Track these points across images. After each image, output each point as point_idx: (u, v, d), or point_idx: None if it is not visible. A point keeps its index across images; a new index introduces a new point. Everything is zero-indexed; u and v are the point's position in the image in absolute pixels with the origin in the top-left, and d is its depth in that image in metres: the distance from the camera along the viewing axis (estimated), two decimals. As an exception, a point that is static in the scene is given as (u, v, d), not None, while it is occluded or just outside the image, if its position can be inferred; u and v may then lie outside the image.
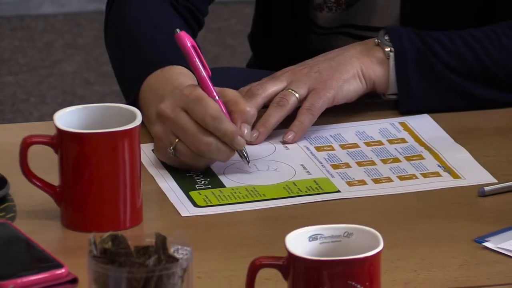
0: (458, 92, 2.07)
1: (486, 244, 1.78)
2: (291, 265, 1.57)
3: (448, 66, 2.06)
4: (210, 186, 1.93)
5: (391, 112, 2.07)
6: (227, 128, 1.89)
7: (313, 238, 1.59)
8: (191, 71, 1.94)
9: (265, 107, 2.02)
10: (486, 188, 1.89)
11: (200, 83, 1.91)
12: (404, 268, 1.70)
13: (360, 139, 2.02)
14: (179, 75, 1.98)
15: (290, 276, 1.57)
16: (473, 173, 1.94)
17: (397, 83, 2.06)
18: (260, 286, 1.59)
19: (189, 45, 1.92)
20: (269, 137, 2.01)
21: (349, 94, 2.04)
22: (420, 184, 1.93)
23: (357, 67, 2.05)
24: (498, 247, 1.77)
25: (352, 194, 1.91)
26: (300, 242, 1.58)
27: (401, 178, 1.94)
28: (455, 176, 1.94)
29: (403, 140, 2.02)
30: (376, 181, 1.93)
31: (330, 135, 2.03)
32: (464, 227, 1.82)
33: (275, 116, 2.00)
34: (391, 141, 2.01)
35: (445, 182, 1.93)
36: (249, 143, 1.98)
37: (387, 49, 2.05)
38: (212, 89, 1.91)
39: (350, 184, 1.93)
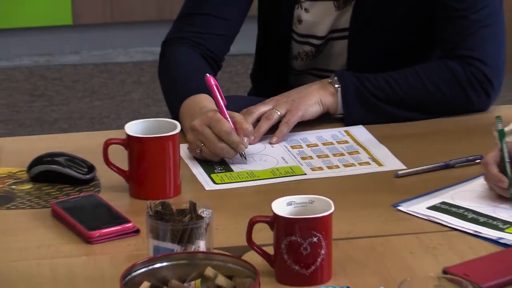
0: (381, 112, 2.06)
1: (400, 207, 1.77)
2: (275, 221, 1.56)
3: (375, 96, 2.05)
4: (224, 171, 1.91)
5: (338, 124, 2.06)
6: (234, 139, 1.88)
7: (289, 204, 1.58)
8: (212, 97, 1.92)
9: (258, 120, 2.00)
10: (399, 172, 1.88)
11: (219, 109, 1.91)
12: (347, 222, 1.70)
13: (319, 141, 2.01)
14: (204, 100, 1.97)
15: (274, 228, 1.56)
16: (390, 162, 1.92)
17: (342, 108, 2.04)
18: (256, 234, 1.58)
19: (213, 83, 1.91)
20: (261, 140, 2.00)
21: (312, 114, 2.03)
22: (357, 170, 1.92)
23: (317, 97, 2.03)
24: (408, 210, 1.76)
25: (314, 176, 1.90)
26: (281, 207, 1.57)
27: (345, 165, 1.93)
28: (379, 164, 1.92)
29: (346, 142, 2.01)
30: (329, 167, 1.92)
31: (300, 138, 2.02)
32: (385, 197, 1.80)
33: (264, 126, 1.99)
34: (339, 142, 2.00)
35: (373, 168, 1.92)
36: (250, 143, 1.97)
37: (336, 86, 2.04)
38: (226, 113, 1.90)
39: (312, 169, 1.91)
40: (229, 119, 1.91)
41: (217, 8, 2.14)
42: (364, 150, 1.97)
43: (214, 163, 1.93)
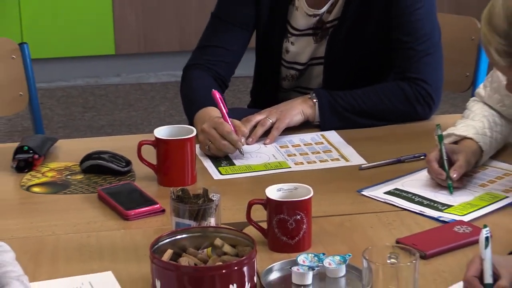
0: (348, 121, 2.05)
1: (363, 193, 1.76)
2: (268, 203, 1.55)
3: (344, 108, 2.04)
4: (228, 164, 1.90)
5: (316, 129, 2.05)
6: (233, 137, 1.88)
7: (278, 190, 1.57)
8: (218, 108, 1.91)
9: (255, 126, 2.00)
10: (362, 166, 1.88)
11: (222, 116, 1.91)
12: (323, 204, 1.68)
13: (301, 142, 2.00)
14: (211, 111, 1.97)
15: (267, 208, 1.56)
16: (355, 158, 1.91)
17: (319, 117, 2.04)
18: (253, 213, 1.57)
19: (218, 97, 1.91)
20: (257, 141, 1.98)
21: (296, 121, 2.02)
22: (330, 164, 1.90)
23: (300, 109, 2.03)
24: (369, 194, 1.75)
25: (297, 169, 1.88)
26: (272, 192, 1.56)
27: (321, 161, 1.91)
28: (347, 160, 1.91)
29: (322, 143, 1.99)
30: (309, 162, 1.91)
31: (287, 140, 2.01)
32: (352, 185, 1.79)
33: (260, 131, 1.98)
34: (316, 143, 1.99)
35: (342, 163, 1.90)
36: (247, 144, 1.96)
37: (314, 100, 2.03)
38: (228, 119, 1.90)
39: (296, 164, 1.90)
40: (230, 123, 1.90)
41: (224, 42, 2.14)
42: (335, 149, 1.96)
43: (221, 159, 1.91)
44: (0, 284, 1.27)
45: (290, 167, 1.88)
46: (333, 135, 2.02)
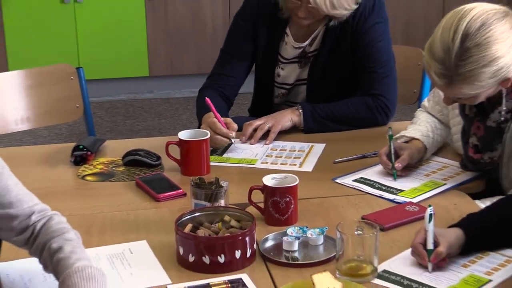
0: (325, 126, 2.03)
1: (336, 180, 1.75)
2: (265, 188, 1.54)
3: (321, 117, 2.03)
4: (217, 155, 1.89)
5: (304, 137, 2.03)
6: (224, 131, 1.87)
7: (272, 178, 1.57)
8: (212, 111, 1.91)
9: (254, 130, 1.98)
10: (336, 160, 1.86)
11: (215, 116, 1.89)
12: (306, 189, 1.67)
13: (288, 148, 1.94)
14: (209, 116, 1.92)
15: (264, 192, 1.55)
16: (308, 168, 1.84)
17: (303, 123, 2.02)
18: (253, 196, 1.56)
19: (210, 103, 1.89)
20: (258, 142, 1.97)
21: (287, 126, 2.01)
22: (307, 162, 1.88)
23: (289, 117, 2.01)
24: (341, 182, 1.74)
25: (286, 167, 1.85)
26: (268, 180, 1.56)
27: (281, 164, 1.89)
28: (300, 166, 1.86)
29: (303, 151, 1.94)
30: (272, 163, 1.85)
31: (281, 144, 1.97)
32: (328, 174, 1.78)
33: (259, 133, 1.97)
34: (299, 151, 1.92)
35: (296, 168, 1.84)
36: (250, 144, 1.94)
37: (300, 111, 2.02)
38: (220, 118, 1.88)
39: (283, 164, 1.86)
40: (221, 121, 1.88)
41: (229, 71, 2.12)
42: (304, 157, 1.88)
43: (216, 150, 1.89)
44: (61, 231, 1.26)
45: (254, 164, 1.84)
46: (320, 146, 1.94)
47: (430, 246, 1.35)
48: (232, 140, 1.89)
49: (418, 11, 4.32)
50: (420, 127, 1.85)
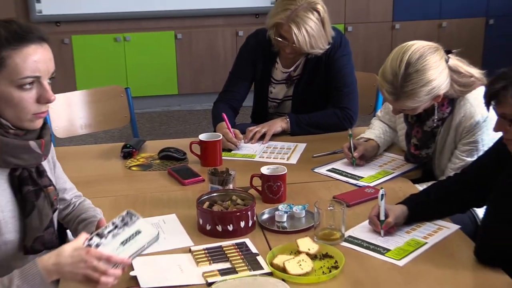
0: (306, 130, 2.01)
1: (315, 170, 1.73)
2: (262, 176, 1.52)
3: (304, 123, 2.01)
4: (227, 151, 1.86)
5: (291, 138, 2.01)
6: (233, 140, 1.85)
7: (267, 168, 1.54)
8: (225, 123, 1.89)
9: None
10: (314, 155, 1.84)
11: (227, 127, 1.87)
12: (291, 176, 1.64)
13: (279, 146, 1.93)
14: (222, 124, 1.92)
15: (262, 179, 1.53)
16: (293, 160, 1.83)
17: (290, 129, 2.00)
18: (254, 181, 1.54)
19: (225, 117, 1.88)
20: (257, 142, 1.95)
21: (278, 131, 1.99)
22: (293, 156, 1.86)
23: (280, 124, 2.00)
24: (318, 171, 1.72)
25: (277, 161, 1.84)
26: (265, 169, 1.54)
27: (274, 158, 1.86)
28: (288, 160, 1.85)
29: (290, 149, 1.93)
30: (267, 157, 1.83)
31: (273, 143, 1.96)
32: (308, 165, 1.76)
33: (257, 136, 1.95)
34: (287, 148, 1.91)
35: (284, 161, 1.84)
36: (251, 143, 1.92)
37: (287, 120, 2.01)
38: (231, 129, 1.87)
39: (275, 158, 1.84)
40: (231, 131, 1.87)
41: (236, 88, 2.10)
42: (291, 153, 1.86)
43: (227, 149, 1.87)
44: (91, 210, 1.34)
45: (254, 158, 1.81)
46: (302, 145, 1.92)
47: (382, 217, 1.36)
48: (239, 146, 1.88)
49: (373, 46, 4.34)
50: (374, 131, 1.86)
